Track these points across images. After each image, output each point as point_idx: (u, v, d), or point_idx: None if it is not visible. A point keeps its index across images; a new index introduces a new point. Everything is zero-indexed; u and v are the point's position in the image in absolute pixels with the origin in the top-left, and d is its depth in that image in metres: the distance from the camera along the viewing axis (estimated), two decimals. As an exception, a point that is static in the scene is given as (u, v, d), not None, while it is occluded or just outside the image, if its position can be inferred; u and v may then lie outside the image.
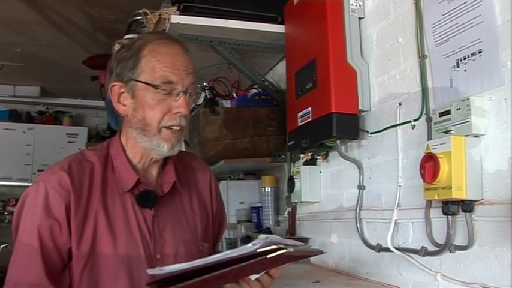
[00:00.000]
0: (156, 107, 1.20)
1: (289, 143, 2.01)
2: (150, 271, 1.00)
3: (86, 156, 1.26)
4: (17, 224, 1.20)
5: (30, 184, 1.24)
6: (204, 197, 1.43)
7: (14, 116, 5.77)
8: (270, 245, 0.93)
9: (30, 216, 1.17)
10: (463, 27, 1.26)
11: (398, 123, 1.55)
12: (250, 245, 0.94)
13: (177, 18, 2.02)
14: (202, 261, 0.95)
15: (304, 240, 2.18)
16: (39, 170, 5.36)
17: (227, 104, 2.70)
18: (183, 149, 3.00)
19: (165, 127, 1.22)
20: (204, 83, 2.49)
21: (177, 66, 1.21)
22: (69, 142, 5.67)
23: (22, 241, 1.17)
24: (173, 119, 1.22)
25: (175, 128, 1.23)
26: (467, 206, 1.21)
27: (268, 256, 0.93)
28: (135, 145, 1.27)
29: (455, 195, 1.18)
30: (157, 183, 1.32)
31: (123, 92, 1.23)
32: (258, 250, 0.93)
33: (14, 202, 5.57)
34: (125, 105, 1.24)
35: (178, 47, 1.25)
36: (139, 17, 2.10)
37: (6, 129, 5.54)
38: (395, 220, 1.53)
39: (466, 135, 1.21)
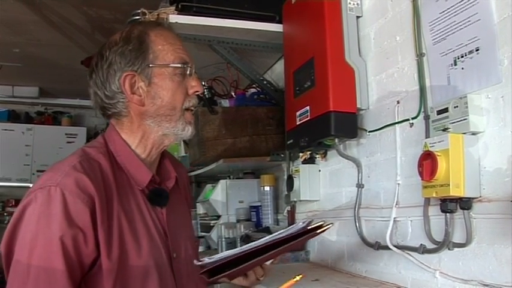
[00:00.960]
0: (177, 90, 1.18)
1: (288, 142, 2.01)
2: (196, 262, 1.01)
3: (90, 155, 1.14)
4: (11, 241, 1.02)
5: (29, 184, 1.11)
6: (186, 192, 1.43)
7: (13, 117, 5.76)
8: (316, 222, 1.06)
9: (43, 228, 1.00)
10: (460, 25, 1.27)
11: (396, 121, 1.55)
12: (300, 223, 1.03)
13: (175, 18, 2.02)
14: (254, 244, 0.98)
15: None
16: (39, 171, 5.35)
17: (226, 103, 2.70)
18: (182, 148, 3.01)
19: (186, 109, 1.21)
20: (203, 83, 2.49)
21: (184, 46, 1.22)
22: (68, 142, 5.65)
23: (32, 264, 0.98)
24: (192, 99, 1.22)
25: (193, 108, 1.23)
26: (465, 203, 1.21)
27: (318, 231, 1.04)
28: (146, 137, 1.20)
29: (453, 192, 1.19)
30: (158, 179, 1.26)
31: (135, 82, 1.16)
32: (308, 227, 1.02)
33: (13, 203, 5.57)
34: (140, 95, 1.16)
35: (172, 31, 1.27)
36: (137, 17, 2.10)
37: (5, 129, 5.52)
38: (394, 218, 1.53)
39: (464, 133, 1.21)
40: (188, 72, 1.20)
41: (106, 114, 1.23)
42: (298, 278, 0.97)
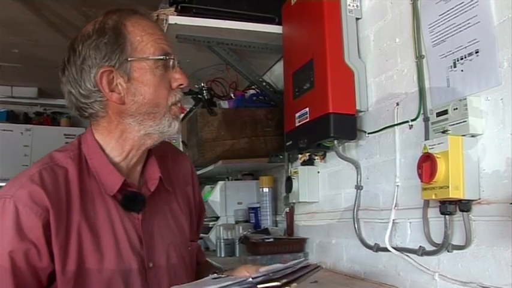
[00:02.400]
0: (160, 84, 1.09)
1: (287, 144, 2.01)
2: None
3: (56, 161, 1.08)
4: None
5: None
6: (187, 190, 1.32)
7: (12, 117, 5.75)
8: (271, 280, 0.86)
9: None
10: (460, 28, 1.27)
11: (395, 123, 1.55)
12: (250, 279, 0.87)
13: (175, 19, 2.02)
14: None
15: (302, 240, 2.18)
16: (37, 171, 5.35)
17: (225, 104, 2.70)
18: (181, 149, 3.01)
19: (173, 104, 1.12)
20: (202, 84, 2.49)
21: (165, 36, 1.13)
22: (66, 143, 5.62)
23: None
24: (177, 94, 1.13)
25: (179, 103, 1.14)
26: (464, 205, 1.21)
27: None
28: (124, 137, 1.11)
29: (453, 194, 1.18)
30: (140, 181, 1.19)
31: (113, 78, 1.06)
32: (259, 286, 0.86)
33: (11, 203, 5.56)
34: (119, 93, 1.07)
35: (150, 19, 1.17)
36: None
37: (4, 130, 5.51)
38: (393, 220, 1.53)
39: (463, 135, 1.21)
40: (171, 64, 1.11)
41: (82, 115, 1.14)
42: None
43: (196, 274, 1.30)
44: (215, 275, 1.11)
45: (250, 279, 0.87)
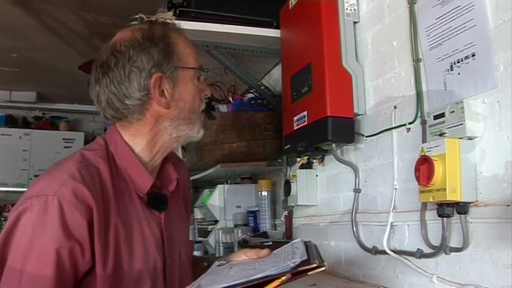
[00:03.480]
0: (196, 93, 1.20)
1: (285, 147, 2.01)
2: None
3: (89, 160, 1.09)
4: (5, 247, 0.98)
5: (26, 190, 1.05)
6: (186, 193, 1.39)
7: (10, 121, 5.75)
8: (308, 260, 0.94)
9: (38, 238, 0.97)
10: (456, 31, 1.28)
11: (393, 126, 1.56)
12: (291, 264, 0.91)
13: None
14: (242, 280, 0.89)
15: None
16: (36, 175, 5.34)
17: (223, 108, 2.71)
18: (180, 153, 3.01)
19: (201, 111, 1.24)
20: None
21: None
22: (65, 147, 5.64)
23: (25, 270, 0.95)
24: (203, 103, 1.25)
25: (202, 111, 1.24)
26: (461, 207, 1.22)
27: (309, 273, 0.92)
28: (156, 139, 1.17)
29: (450, 197, 1.19)
30: (157, 182, 1.22)
31: (161, 84, 1.13)
32: (300, 269, 0.91)
33: (10, 207, 5.55)
34: (166, 98, 1.14)
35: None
36: (135, 22, 2.10)
37: (3, 134, 5.51)
38: (391, 223, 1.53)
39: (460, 138, 1.22)
40: (202, 76, 1.22)
41: (115, 116, 1.16)
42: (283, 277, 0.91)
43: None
44: (217, 262, 1.15)
45: (292, 264, 0.91)
